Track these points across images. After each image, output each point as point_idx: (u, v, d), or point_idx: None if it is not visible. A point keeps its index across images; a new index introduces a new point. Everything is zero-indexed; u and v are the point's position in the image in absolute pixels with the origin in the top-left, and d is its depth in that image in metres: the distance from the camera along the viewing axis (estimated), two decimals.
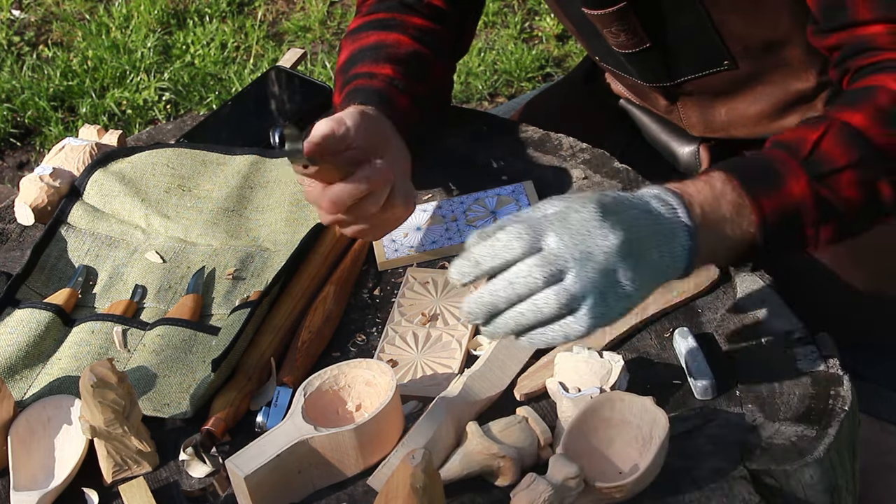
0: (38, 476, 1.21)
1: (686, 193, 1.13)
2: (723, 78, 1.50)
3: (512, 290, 1.04)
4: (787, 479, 1.12)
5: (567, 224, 1.05)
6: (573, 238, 1.05)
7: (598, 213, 1.06)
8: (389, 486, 1.03)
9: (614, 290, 1.05)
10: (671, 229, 1.10)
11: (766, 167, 1.17)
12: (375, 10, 1.54)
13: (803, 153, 1.17)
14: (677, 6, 1.41)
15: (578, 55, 3.20)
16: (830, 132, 1.18)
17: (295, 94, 1.72)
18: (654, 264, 1.08)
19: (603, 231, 1.05)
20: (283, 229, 1.45)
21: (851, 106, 1.21)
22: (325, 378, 1.20)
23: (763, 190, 1.15)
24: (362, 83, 1.42)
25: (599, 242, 1.05)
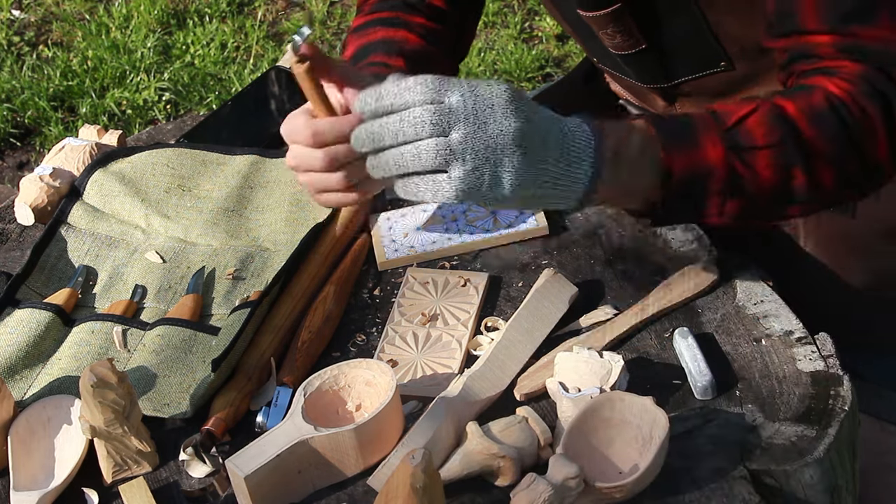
0: (38, 476, 1.21)
1: (603, 127, 1.15)
2: (720, 79, 1.50)
3: (400, 127, 1.07)
4: (787, 479, 1.12)
5: (475, 91, 1.08)
6: (476, 104, 1.07)
7: (509, 95, 1.08)
8: (389, 486, 1.03)
9: (493, 171, 1.07)
10: (577, 151, 1.12)
11: (688, 126, 1.20)
12: (379, 9, 1.54)
13: (727, 123, 1.20)
14: (672, 8, 1.41)
15: (578, 55, 3.20)
16: (760, 111, 1.21)
17: (295, 94, 1.72)
18: (545, 172, 1.10)
19: (506, 112, 1.08)
20: (283, 229, 1.45)
21: (788, 96, 1.23)
22: (325, 378, 1.20)
23: (677, 146, 1.18)
24: (379, 72, 1.41)
25: (498, 118, 1.07)
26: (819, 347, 1.24)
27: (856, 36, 1.24)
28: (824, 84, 1.23)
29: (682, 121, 1.21)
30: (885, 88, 1.23)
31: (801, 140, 1.21)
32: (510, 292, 1.37)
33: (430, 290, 1.37)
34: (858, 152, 1.23)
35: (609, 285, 1.35)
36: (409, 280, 1.38)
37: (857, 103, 1.22)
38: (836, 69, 1.25)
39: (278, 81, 1.74)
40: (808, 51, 1.27)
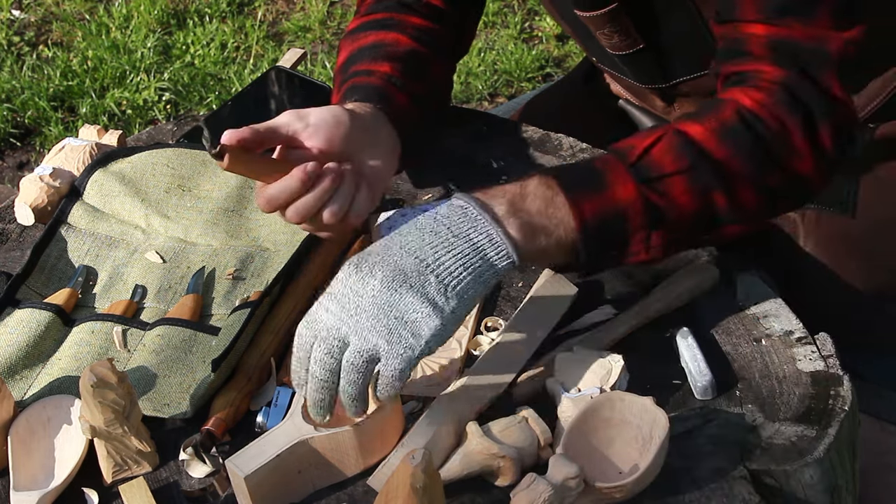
0: (38, 476, 1.21)
1: (484, 194, 1.15)
2: None
3: (321, 381, 1.10)
4: (787, 479, 1.12)
5: (333, 295, 1.10)
6: (339, 303, 1.09)
7: (352, 267, 1.11)
8: (389, 486, 1.03)
9: (405, 321, 1.09)
10: (463, 230, 1.13)
11: (590, 171, 1.18)
12: (374, 11, 1.54)
13: (631, 159, 1.18)
14: (669, 7, 1.41)
15: (578, 55, 3.20)
16: (663, 140, 1.19)
17: (295, 94, 1.72)
18: (449, 268, 1.11)
19: (362, 281, 1.09)
20: (283, 229, 1.45)
21: (695, 118, 1.21)
22: None
23: (584, 192, 1.16)
24: (360, 80, 1.41)
25: (361, 291, 1.09)
26: (819, 347, 1.24)
27: (790, 29, 1.20)
28: (738, 97, 1.21)
29: (584, 167, 1.20)
30: (807, 97, 1.20)
31: (713, 160, 1.19)
32: (510, 292, 1.37)
33: None
34: (779, 166, 1.20)
35: (609, 285, 1.35)
36: None
37: (773, 115, 1.20)
38: (756, 74, 1.22)
39: (278, 81, 1.74)
40: (740, 44, 1.24)
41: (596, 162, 1.20)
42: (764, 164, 1.20)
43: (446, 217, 1.14)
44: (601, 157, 1.20)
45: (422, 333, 1.09)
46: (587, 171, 1.18)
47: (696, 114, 1.23)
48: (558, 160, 1.52)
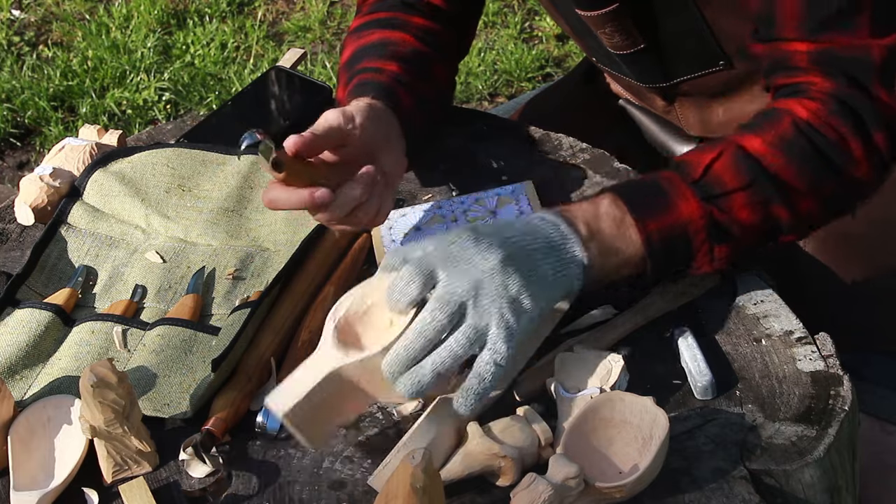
0: (38, 476, 1.21)
1: (567, 212, 1.19)
2: (719, 78, 1.50)
3: (423, 338, 1.10)
4: (787, 479, 1.12)
5: (450, 256, 1.11)
6: (459, 268, 1.10)
7: (472, 238, 1.12)
8: (389, 486, 1.03)
9: (513, 309, 1.10)
10: (557, 242, 1.16)
11: (655, 189, 1.22)
12: (377, 10, 1.54)
13: (694, 175, 1.21)
14: (670, 7, 1.41)
15: (578, 55, 3.20)
16: (724, 156, 1.22)
17: (295, 94, 1.72)
18: (545, 275, 1.13)
19: (481, 254, 1.11)
20: (283, 229, 1.45)
21: (753, 130, 1.24)
22: (352, 300, 1.17)
23: (649, 211, 1.20)
24: (369, 77, 1.42)
25: (481, 266, 1.10)
26: (819, 347, 1.24)
27: (832, 42, 1.23)
28: (793, 108, 1.23)
29: (649, 185, 1.22)
30: (858, 105, 1.23)
31: (773, 174, 1.21)
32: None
33: None
34: (836, 174, 1.23)
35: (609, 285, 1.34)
36: None
37: (828, 125, 1.22)
38: (807, 86, 1.24)
39: (278, 81, 1.74)
40: (785, 60, 1.26)
41: (661, 180, 1.22)
42: (822, 174, 1.23)
43: (541, 228, 1.17)
44: (665, 174, 1.23)
45: (518, 329, 1.11)
46: (652, 191, 1.22)
47: (753, 126, 1.25)
48: (558, 160, 1.52)
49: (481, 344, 1.10)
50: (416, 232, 1.44)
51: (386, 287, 1.14)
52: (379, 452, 1.19)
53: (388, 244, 1.43)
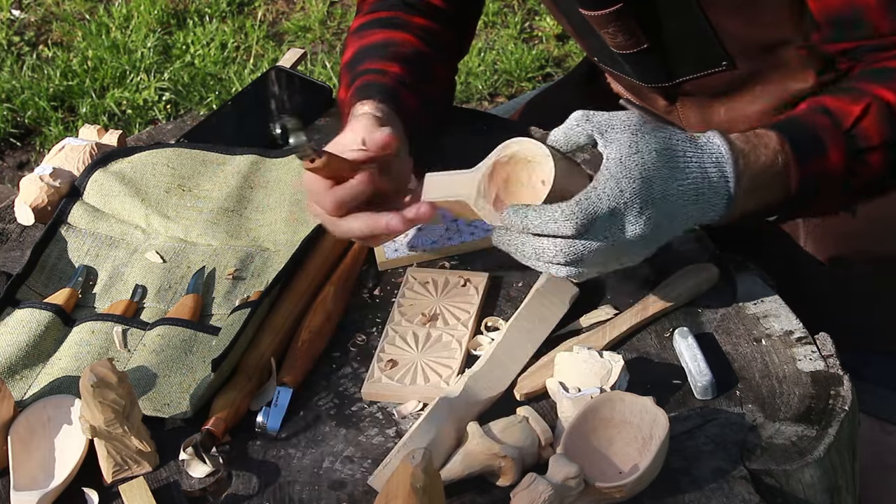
0: (38, 476, 1.21)
1: (738, 150, 1.21)
2: (721, 78, 1.50)
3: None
4: (787, 479, 1.12)
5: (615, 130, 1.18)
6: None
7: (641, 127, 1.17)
8: (389, 486, 1.03)
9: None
10: (706, 149, 1.19)
11: (814, 135, 1.25)
12: (378, 9, 1.54)
13: (846, 125, 1.26)
14: (674, 7, 1.41)
15: (578, 55, 3.20)
16: (871, 110, 1.26)
17: (295, 94, 1.72)
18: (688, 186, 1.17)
19: (644, 138, 1.16)
20: (283, 229, 1.45)
21: (885, 84, 1.28)
22: (517, 148, 1.21)
23: (810, 157, 1.24)
24: (373, 79, 1.42)
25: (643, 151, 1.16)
26: (819, 347, 1.24)
27: None
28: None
29: (809, 129, 1.26)
30: None
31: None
32: (510, 292, 1.37)
33: (430, 290, 1.37)
34: None
35: (609, 285, 1.35)
36: (409, 280, 1.38)
37: None
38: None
39: (278, 81, 1.74)
40: (882, 45, 1.31)
41: (817, 126, 1.26)
42: None
43: (708, 154, 1.19)
44: (820, 119, 1.26)
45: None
46: (812, 137, 1.25)
47: (880, 78, 1.29)
48: None
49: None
50: (417, 231, 1.44)
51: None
52: (379, 452, 1.19)
53: (388, 244, 1.43)
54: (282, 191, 1.50)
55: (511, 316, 1.29)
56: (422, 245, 1.43)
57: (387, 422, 1.23)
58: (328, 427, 1.23)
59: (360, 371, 1.29)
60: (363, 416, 1.24)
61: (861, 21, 1.29)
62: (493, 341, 1.28)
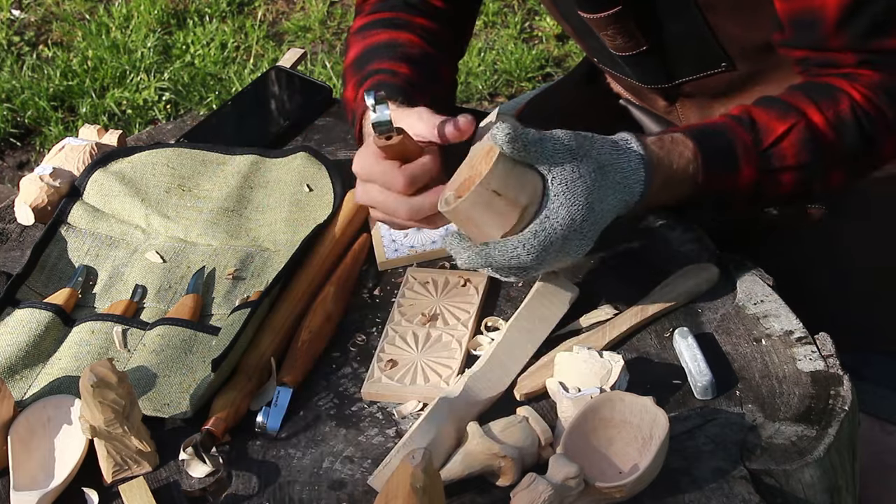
0: (38, 476, 1.21)
1: (642, 136, 1.26)
2: (721, 79, 1.50)
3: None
4: (787, 479, 1.12)
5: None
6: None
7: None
8: (389, 486, 1.03)
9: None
10: (627, 157, 1.23)
11: (730, 149, 1.28)
12: (380, 10, 1.54)
13: (765, 143, 1.28)
14: (673, 10, 1.41)
15: (578, 55, 3.20)
16: (795, 130, 1.28)
17: (295, 94, 1.72)
18: (615, 185, 1.21)
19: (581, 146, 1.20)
20: (283, 229, 1.45)
21: (814, 102, 1.30)
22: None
23: (718, 170, 1.28)
24: (385, 79, 1.41)
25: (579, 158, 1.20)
26: (819, 347, 1.24)
27: (876, 50, 1.30)
28: (849, 90, 1.31)
29: (724, 142, 1.28)
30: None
31: (826, 155, 1.30)
32: (510, 292, 1.37)
33: (430, 290, 1.37)
34: (873, 154, 1.32)
35: (609, 285, 1.35)
36: (409, 280, 1.38)
37: (878, 109, 1.30)
38: (856, 75, 1.31)
39: (278, 81, 1.74)
40: (829, 61, 1.33)
41: (736, 142, 1.29)
42: (862, 154, 1.32)
43: (624, 153, 1.23)
44: (741, 135, 1.29)
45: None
46: (726, 151, 1.28)
47: (813, 94, 1.31)
48: None
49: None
50: (417, 231, 1.44)
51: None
52: (379, 452, 1.19)
53: (388, 244, 1.43)
54: (282, 191, 1.50)
55: (511, 316, 1.29)
56: (422, 245, 1.43)
57: (387, 422, 1.23)
58: (328, 427, 1.23)
59: (360, 371, 1.29)
60: (363, 416, 1.24)
61: (816, 28, 1.30)
62: (493, 341, 1.28)
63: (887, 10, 1.27)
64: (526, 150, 1.16)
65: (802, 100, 1.31)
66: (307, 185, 1.49)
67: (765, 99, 1.33)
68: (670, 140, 1.27)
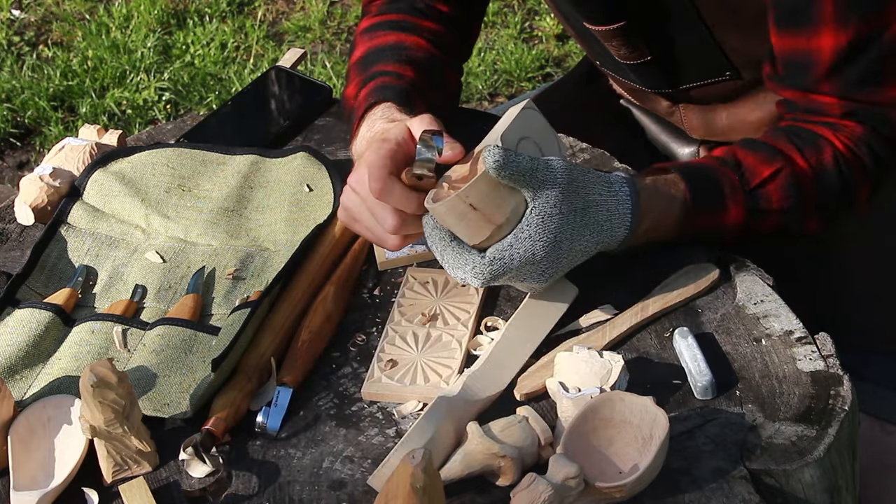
0: (38, 476, 1.21)
1: (638, 179, 1.28)
2: (725, 86, 1.50)
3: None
4: (787, 479, 1.12)
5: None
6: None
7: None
8: (389, 486, 1.03)
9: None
10: (617, 200, 1.24)
11: (718, 189, 1.31)
12: (387, 11, 1.54)
13: (751, 184, 1.30)
14: (678, 24, 1.41)
15: (578, 55, 3.20)
16: (781, 175, 1.31)
17: (295, 94, 1.72)
18: (599, 222, 1.24)
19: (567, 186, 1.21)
20: (283, 229, 1.45)
21: (801, 150, 1.32)
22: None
23: (705, 209, 1.30)
24: (389, 81, 1.41)
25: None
26: (819, 347, 1.24)
27: (862, 101, 1.32)
28: (832, 139, 1.33)
29: (712, 182, 1.31)
30: (879, 148, 1.33)
31: (808, 202, 1.32)
32: (510, 292, 1.37)
33: (430, 290, 1.37)
34: (849, 202, 1.36)
35: (609, 285, 1.35)
36: (409, 280, 1.38)
37: (858, 158, 1.32)
38: (840, 126, 1.33)
39: (278, 81, 1.74)
40: (815, 108, 1.34)
41: (723, 181, 1.31)
42: (839, 203, 1.36)
43: (614, 191, 1.25)
44: (727, 176, 1.31)
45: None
46: (714, 192, 1.31)
47: (797, 140, 1.33)
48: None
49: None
50: None
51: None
52: (379, 452, 1.19)
53: None
54: (282, 191, 1.50)
55: (511, 316, 1.29)
56: (422, 245, 1.43)
57: (387, 422, 1.23)
58: (328, 427, 1.23)
59: (360, 371, 1.29)
60: (363, 416, 1.24)
61: (808, 70, 1.31)
62: (492, 341, 1.28)
63: (879, 60, 1.28)
64: (512, 179, 1.17)
65: (786, 145, 1.33)
66: (307, 185, 1.49)
67: (749, 141, 1.35)
68: (664, 182, 1.29)
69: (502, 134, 1.22)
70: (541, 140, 1.26)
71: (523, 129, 1.24)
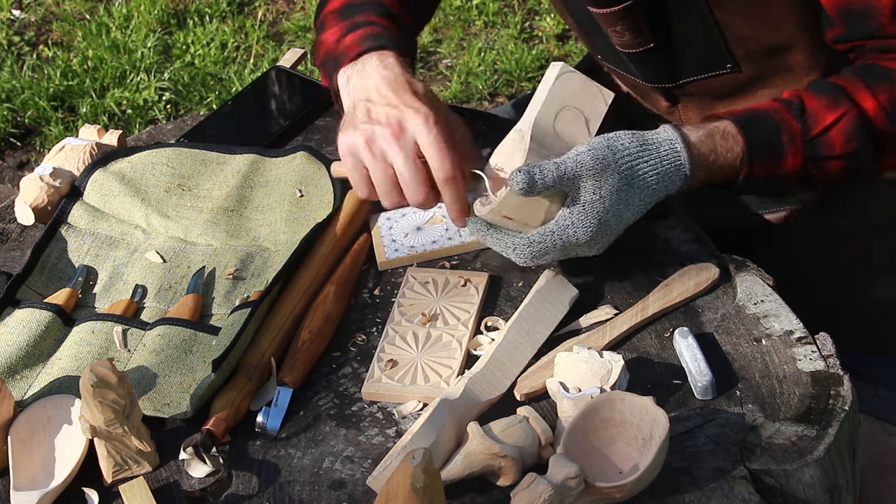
0: (38, 476, 1.21)
1: (690, 143, 1.27)
2: (725, 81, 1.50)
3: None
4: (787, 479, 1.12)
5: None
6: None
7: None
8: (389, 486, 1.03)
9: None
10: (668, 167, 1.25)
11: (776, 137, 1.29)
12: None
13: (812, 132, 1.29)
14: (682, 6, 1.41)
15: (578, 55, 3.20)
16: (845, 119, 1.29)
17: (295, 94, 1.72)
18: (649, 185, 1.25)
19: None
20: (283, 229, 1.45)
21: (869, 88, 1.30)
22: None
23: (762, 157, 1.29)
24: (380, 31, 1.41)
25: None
26: (819, 347, 1.24)
27: None
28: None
29: (770, 128, 1.30)
30: None
31: (876, 138, 1.30)
32: (510, 292, 1.37)
33: (430, 290, 1.37)
34: None
35: (609, 285, 1.35)
36: (409, 280, 1.38)
37: None
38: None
39: (278, 81, 1.74)
40: (886, 47, 1.33)
41: (783, 129, 1.30)
42: None
43: (664, 152, 1.26)
44: (787, 123, 1.30)
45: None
46: (771, 138, 1.30)
47: (868, 78, 1.31)
48: None
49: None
50: (417, 231, 1.44)
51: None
52: (379, 452, 1.19)
53: (388, 244, 1.43)
54: (282, 191, 1.50)
55: (511, 316, 1.29)
56: (422, 245, 1.43)
57: (387, 422, 1.23)
58: (328, 427, 1.23)
59: (360, 371, 1.29)
60: (363, 416, 1.24)
61: (869, 17, 1.30)
62: (493, 341, 1.28)
63: None
64: (540, 192, 1.20)
65: (855, 84, 1.31)
66: (298, 191, 1.49)
67: (818, 83, 1.34)
68: (721, 135, 1.29)
69: (535, 119, 1.24)
70: (581, 103, 1.26)
71: (561, 99, 1.25)
